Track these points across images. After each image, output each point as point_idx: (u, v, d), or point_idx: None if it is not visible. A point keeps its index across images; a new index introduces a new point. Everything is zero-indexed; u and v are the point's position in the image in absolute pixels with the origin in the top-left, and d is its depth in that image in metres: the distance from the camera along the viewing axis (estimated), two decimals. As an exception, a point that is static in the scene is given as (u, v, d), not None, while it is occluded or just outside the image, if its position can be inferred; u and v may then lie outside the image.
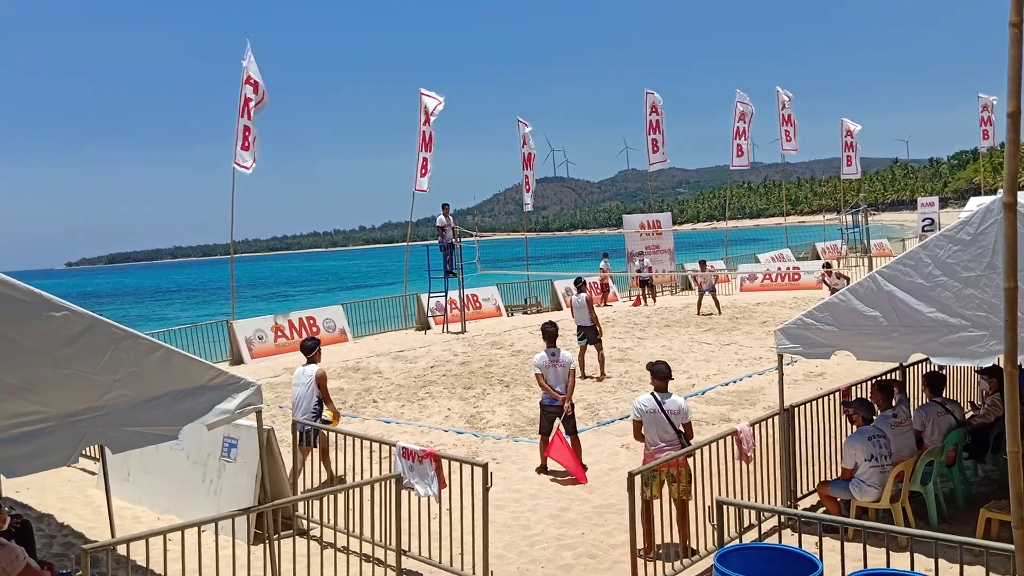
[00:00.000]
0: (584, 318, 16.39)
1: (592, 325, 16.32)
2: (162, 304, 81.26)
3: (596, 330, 16.39)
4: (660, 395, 8.08)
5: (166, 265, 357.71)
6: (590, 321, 16.32)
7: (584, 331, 16.43)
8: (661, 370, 8.22)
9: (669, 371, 8.24)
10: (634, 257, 30.57)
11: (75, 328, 5.26)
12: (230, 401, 6.13)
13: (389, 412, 14.22)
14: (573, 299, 16.86)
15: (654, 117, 33.59)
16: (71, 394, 5.30)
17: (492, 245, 35.71)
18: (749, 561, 5.45)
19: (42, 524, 9.37)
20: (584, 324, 16.43)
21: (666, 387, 8.17)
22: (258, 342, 21.12)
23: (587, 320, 16.34)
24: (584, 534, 8.45)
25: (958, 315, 6.77)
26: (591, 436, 11.81)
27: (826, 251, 37.32)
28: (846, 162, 39.20)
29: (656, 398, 8.05)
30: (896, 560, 5.60)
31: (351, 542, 8.00)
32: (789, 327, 8.00)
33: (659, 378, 8.18)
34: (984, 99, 42.31)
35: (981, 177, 60.81)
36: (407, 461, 7.67)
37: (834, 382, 12.25)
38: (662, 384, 8.15)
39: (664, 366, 8.26)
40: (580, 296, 16.73)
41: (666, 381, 8.17)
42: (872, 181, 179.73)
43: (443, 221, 23.81)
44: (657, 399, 8.04)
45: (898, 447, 8.29)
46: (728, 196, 63.72)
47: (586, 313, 16.33)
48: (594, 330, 16.35)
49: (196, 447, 9.27)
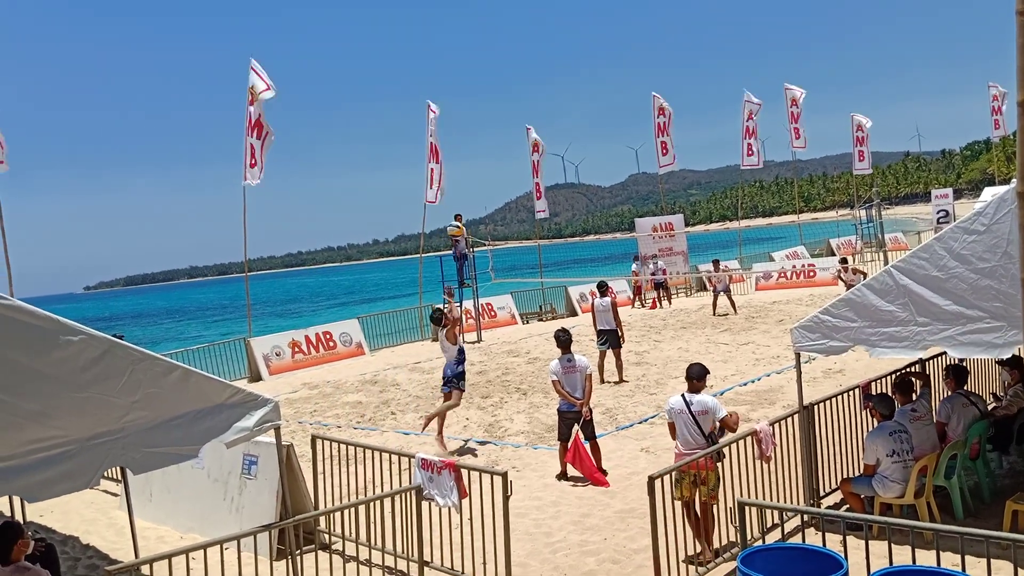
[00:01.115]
0: (607, 322, 16.24)
1: (615, 329, 16.16)
2: (180, 324, 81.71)
3: (619, 335, 16.26)
4: (689, 396, 8.05)
5: (183, 285, 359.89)
6: (614, 325, 16.17)
7: (606, 335, 16.24)
8: (691, 371, 8.20)
9: (701, 373, 8.20)
10: (648, 260, 30.51)
11: (93, 352, 5.29)
12: (248, 419, 6.15)
13: (408, 424, 14.23)
14: (596, 303, 16.65)
15: (662, 120, 33.55)
16: (90, 418, 5.34)
17: (505, 253, 35.72)
18: (773, 562, 5.41)
19: (66, 547, 9.42)
20: (606, 328, 16.26)
21: (698, 389, 8.13)
22: (276, 358, 21.20)
23: (610, 324, 16.19)
24: (606, 539, 8.42)
25: (975, 307, 6.72)
26: (610, 441, 11.77)
27: (841, 247, 37.09)
28: (858, 157, 38.99)
29: (685, 399, 8.03)
30: (922, 556, 5.55)
31: (373, 555, 8.01)
32: (806, 324, 7.97)
33: (690, 379, 8.16)
34: (995, 88, 42.03)
35: (995, 167, 60.38)
36: (426, 472, 7.67)
37: (853, 379, 12.18)
38: (693, 385, 8.12)
39: (696, 368, 8.23)
40: (604, 300, 16.53)
41: (694, 382, 8.13)
42: (885, 175, 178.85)
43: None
44: (686, 400, 8.02)
45: (919, 441, 8.23)
46: (740, 196, 63.62)
47: (610, 317, 16.17)
48: (616, 335, 16.20)
49: (217, 465, 9.31)
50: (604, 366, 16.25)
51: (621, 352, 16.41)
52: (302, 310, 79.57)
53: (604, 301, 16.49)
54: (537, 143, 31.14)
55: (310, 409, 16.21)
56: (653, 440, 11.73)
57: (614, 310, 16.24)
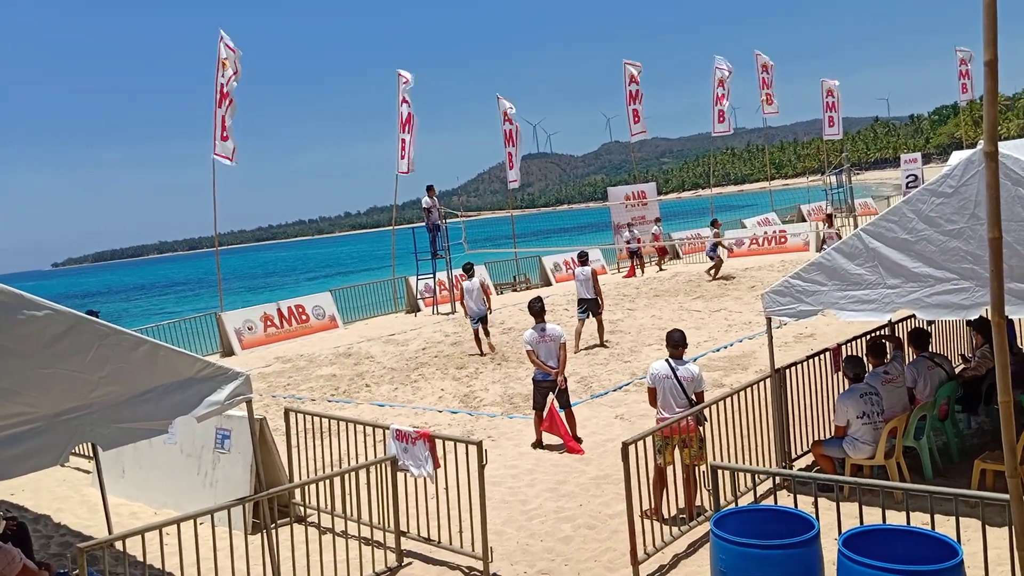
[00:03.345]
0: (587, 291, 16.35)
1: (595, 298, 16.30)
2: (150, 299, 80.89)
3: (598, 303, 16.39)
4: (675, 362, 8.09)
5: (152, 260, 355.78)
6: (593, 294, 16.29)
7: (586, 304, 16.36)
8: (673, 337, 8.24)
9: (683, 338, 8.26)
10: (621, 229, 30.58)
11: (58, 327, 5.21)
12: (219, 392, 6.09)
13: (383, 396, 14.21)
14: (577, 272, 16.79)
15: (633, 87, 33.45)
16: (58, 394, 5.27)
17: (478, 224, 35.62)
18: (745, 524, 5.46)
19: (39, 525, 9.35)
20: (586, 296, 16.37)
21: (681, 354, 8.18)
22: (248, 333, 21.04)
23: (590, 292, 16.30)
24: (582, 505, 8.48)
25: (943, 268, 6.78)
26: (585, 409, 11.82)
27: (811, 213, 37.34)
28: (828, 123, 39.17)
29: (670, 364, 8.07)
30: (892, 516, 5.63)
31: (349, 526, 8.01)
32: (777, 289, 8.00)
33: (673, 345, 8.19)
34: (962, 52, 42.25)
35: (962, 131, 60.82)
36: (401, 443, 7.65)
37: (824, 342, 12.28)
38: (676, 351, 8.15)
39: (678, 333, 8.28)
40: (585, 269, 16.65)
41: (679, 348, 8.17)
42: (854, 141, 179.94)
43: (428, 203, 23.69)
44: (671, 365, 8.05)
45: (890, 403, 8.32)
46: (712, 163, 63.62)
47: (590, 285, 16.30)
48: (596, 303, 16.34)
49: (189, 440, 9.25)
50: (582, 334, 16.29)
51: (602, 317, 16.56)
52: (275, 284, 79.01)
53: (585, 270, 16.60)
54: (507, 112, 30.93)
55: (283, 383, 16.13)
56: (627, 407, 11.79)
57: (594, 279, 16.37)
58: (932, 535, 4.91)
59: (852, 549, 4.79)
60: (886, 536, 4.98)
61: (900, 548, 4.84)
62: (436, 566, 7.48)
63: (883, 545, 4.87)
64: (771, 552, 5.12)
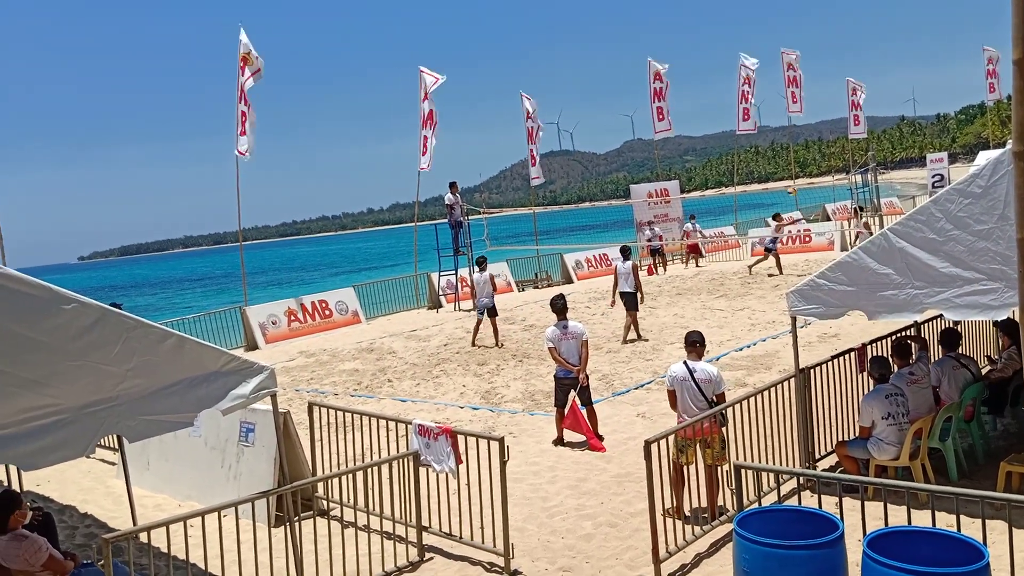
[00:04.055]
0: (628, 284, 16.63)
1: (633, 292, 16.58)
2: (175, 293, 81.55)
3: (636, 297, 16.67)
4: (692, 363, 8.06)
5: (178, 255, 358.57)
6: (633, 288, 16.56)
7: (625, 297, 16.68)
8: (691, 337, 8.24)
9: (701, 338, 8.24)
10: (643, 227, 30.47)
11: (85, 320, 5.26)
12: (244, 386, 6.14)
13: (404, 391, 14.26)
14: (619, 267, 17.05)
15: (658, 85, 33.31)
16: (85, 386, 5.32)
17: (500, 221, 35.58)
18: (769, 523, 5.43)
19: (64, 516, 9.46)
20: (626, 291, 16.67)
21: (699, 356, 8.15)
22: (272, 327, 21.18)
23: (631, 287, 16.58)
24: (603, 503, 8.47)
25: (972, 268, 6.70)
26: (606, 407, 11.80)
27: (836, 212, 37.04)
28: (853, 121, 38.85)
29: (687, 366, 8.04)
30: (917, 517, 5.58)
31: (371, 520, 8.03)
32: (802, 289, 7.95)
33: (690, 346, 8.17)
34: (989, 52, 41.76)
35: (989, 131, 60.12)
36: (423, 438, 7.68)
37: (848, 342, 12.19)
38: (694, 352, 8.13)
39: (695, 333, 8.26)
40: (626, 264, 16.91)
41: (696, 349, 8.15)
42: (880, 140, 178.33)
43: (451, 199, 23.74)
44: (688, 367, 8.02)
45: (916, 404, 8.25)
46: (736, 161, 63.18)
47: (631, 280, 16.59)
48: (635, 297, 16.61)
49: (214, 433, 9.32)
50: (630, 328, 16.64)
51: (636, 315, 16.79)
52: (298, 279, 79.41)
53: (626, 265, 16.86)
54: (530, 110, 30.89)
55: (307, 377, 16.22)
56: (649, 406, 11.76)
57: (635, 274, 16.68)
58: (958, 537, 4.87)
59: (877, 550, 4.75)
60: (911, 538, 4.94)
61: (925, 550, 4.79)
62: (457, 561, 7.50)
63: (908, 547, 4.83)
64: (795, 552, 5.09)
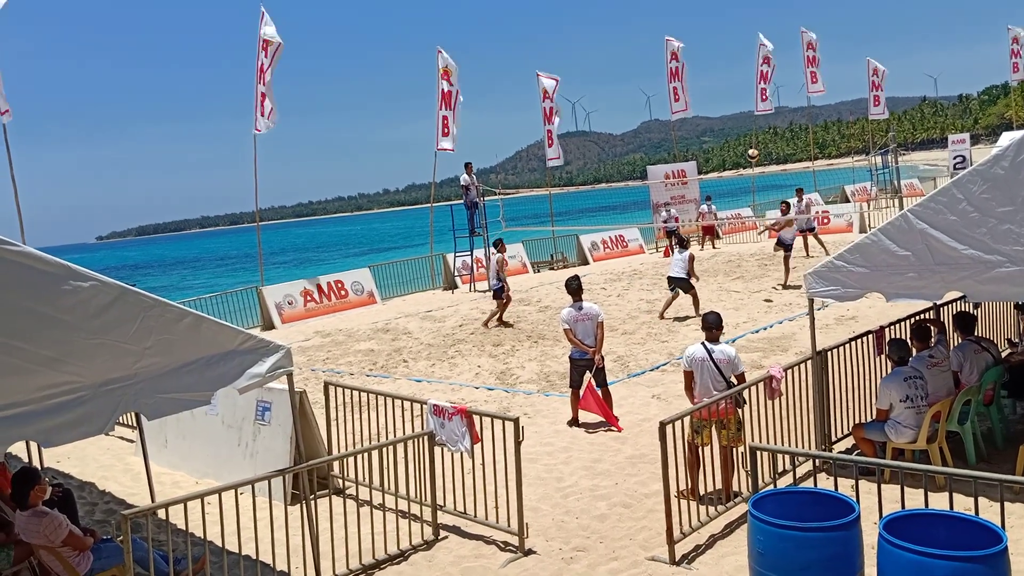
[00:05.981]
0: (681, 271, 16.86)
1: (685, 278, 16.81)
2: (192, 273, 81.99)
3: (689, 282, 16.90)
4: (710, 345, 8.04)
5: (195, 235, 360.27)
6: (685, 275, 16.80)
7: (675, 282, 16.96)
8: (708, 319, 8.22)
9: (719, 320, 8.23)
10: (660, 208, 30.33)
11: (104, 298, 5.29)
12: (261, 365, 6.15)
13: (420, 371, 14.29)
14: (675, 255, 17.39)
15: (675, 64, 33.07)
16: (103, 363, 5.35)
17: (516, 202, 35.49)
18: (784, 505, 5.41)
19: (83, 492, 9.55)
20: (675, 276, 16.93)
21: (717, 337, 8.14)
22: (288, 307, 21.25)
23: (683, 272, 16.81)
24: (617, 484, 8.47)
25: (994, 251, 6.61)
26: (622, 388, 11.79)
27: (855, 194, 36.73)
28: (873, 102, 38.43)
29: (706, 347, 8.02)
30: (934, 500, 5.55)
31: (387, 499, 8.08)
32: (819, 271, 7.88)
33: (708, 327, 8.16)
34: (1014, 31, 41.14)
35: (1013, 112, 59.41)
36: (438, 418, 7.70)
37: (866, 325, 12.11)
38: (712, 334, 8.12)
39: (713, 315, 8.25)
40: (684, 253, 17.07)
41: (713, 331, 8.13)
42: (900, 121, 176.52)
43: (466, 180, 23.68)
44: (707, 348, 8.01)
45: (935, 387, 8.20)
46: (754, 142, 62.75)
47: (685, 267, 16.82)
48: (687, 282, 16.85)
49: (231, 412, 9.38)
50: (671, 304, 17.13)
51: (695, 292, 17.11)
52: (314, 259, 79.63)
53: (684, 255, 17.03)
54: (547, 90, 30.69)
55: (323, 357, 16.28)
56: (664, 387, 11.74)
57: (690, 263, 16.93)
58: (976, 520, 4.83)
59: (893, 533, 4.73)
60: (928, 521, 4.91)
61: (942, 533, 4.76)
62: (472, 540, 7.53)
63: (925, 530, 4.79)
64: (810, 535, 5.07)
